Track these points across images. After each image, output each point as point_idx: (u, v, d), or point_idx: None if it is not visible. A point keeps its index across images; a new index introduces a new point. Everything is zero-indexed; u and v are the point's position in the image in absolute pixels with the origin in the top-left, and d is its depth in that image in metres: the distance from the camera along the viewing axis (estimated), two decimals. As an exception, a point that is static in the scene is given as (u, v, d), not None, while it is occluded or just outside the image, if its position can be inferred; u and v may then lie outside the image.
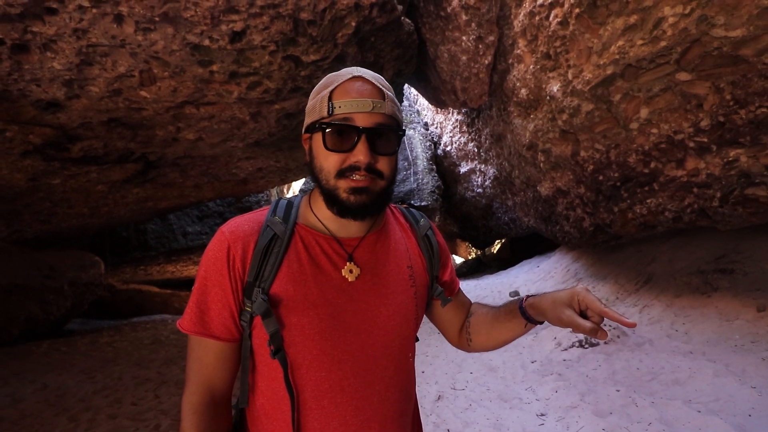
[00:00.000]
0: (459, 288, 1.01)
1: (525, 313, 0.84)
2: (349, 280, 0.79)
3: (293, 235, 0.79)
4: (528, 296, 0.85)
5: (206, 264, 0.77)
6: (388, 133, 0.75)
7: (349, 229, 0.81)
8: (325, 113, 0.74)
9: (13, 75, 2.74)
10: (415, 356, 0.95)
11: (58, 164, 3.94)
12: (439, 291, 0.92)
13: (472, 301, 1.03)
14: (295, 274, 0.76)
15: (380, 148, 0.74)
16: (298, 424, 0.76)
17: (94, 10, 2.43)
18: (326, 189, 0.76)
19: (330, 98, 0.74)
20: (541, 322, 0.84)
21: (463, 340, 0.99)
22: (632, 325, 0.66)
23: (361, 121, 0.72)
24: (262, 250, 0.76)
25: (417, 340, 0.93)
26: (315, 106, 0.77)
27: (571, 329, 0.73)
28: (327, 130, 0.73)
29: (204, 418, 0.76)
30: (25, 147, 3.54)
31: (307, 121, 0.79)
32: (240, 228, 0.78)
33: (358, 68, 0.78)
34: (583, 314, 0.73)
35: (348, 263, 0.80)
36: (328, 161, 0.74)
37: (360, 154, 0.72)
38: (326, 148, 0.73)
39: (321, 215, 0.81)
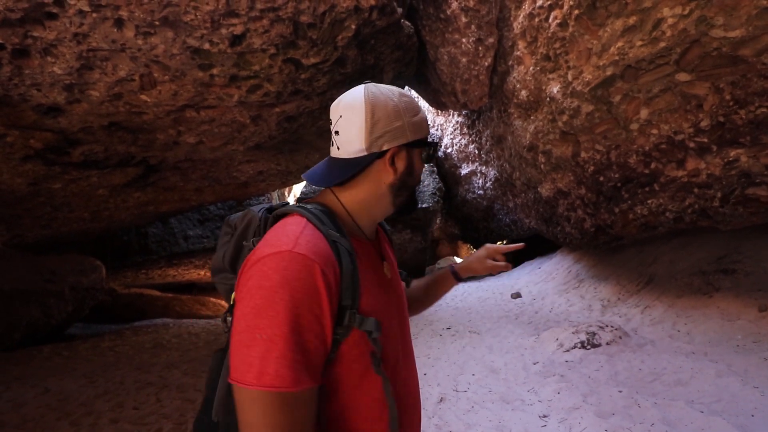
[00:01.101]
0: None
1: (458, 276, 1.18)
2: (388, 276, 0.86)
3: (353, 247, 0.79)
4: (453, 264, 1.19)
5: (295, 297, 0.62)
6: None
7: (372, 231, 0.87)
8: (426, 134, 0.84)
9: (14, 80, 2.74)
10: (417, 358, 1.01)
11: (59, 169, 3.95)
12: (404, 274, 1.03)
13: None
14: (369, 286, 0.76)
15: None
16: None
17: (95, 15, 2.44)
18: (412, 193, 0.86)
19: (416, 121, 0.82)
20: (466, 279, 1.17)
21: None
22: (521, 246, 1.13)
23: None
24: (350, 269, 0.70)
25: None
26: (419, 124, 0.83)
27: (494, 272, 1.17)
28: (428, 146, 0.86)
29: None
30: (26, 152, 3.55)
31: (411, 137, 0.81)
32: (319, 248, 0.68)
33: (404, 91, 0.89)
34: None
35: (384, 263, 0.86)
36: (416, 168, 0.85)
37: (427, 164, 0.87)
38: (425, 161, 0.87)
39: (360, 221, 0.83)
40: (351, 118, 0.77)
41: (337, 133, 0.79)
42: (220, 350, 0.79)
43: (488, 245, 1.19)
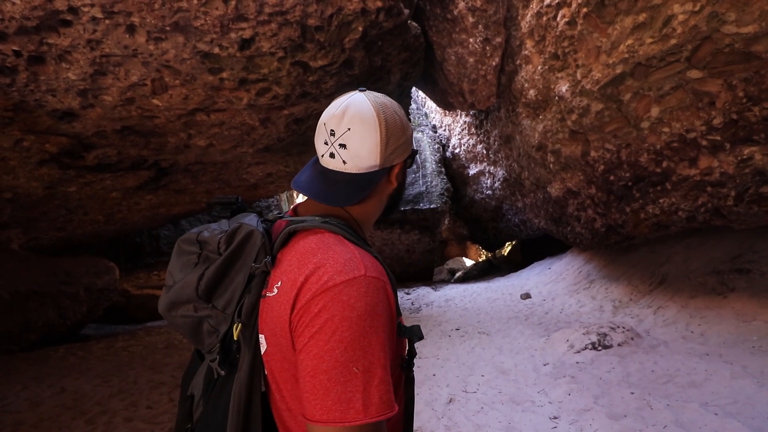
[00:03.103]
0: None
1: None
2: None
3: None
4: None
5: (382, 321, 0.60)
6: None
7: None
8: (414, 147, 0.86)
9: (30, 86, 2.81)
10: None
11: (74, 172, 4.03)
12: None
13: None
14: None
15: None
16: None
17: (107, 21, 2.49)
18: (398, 199, 0.87)
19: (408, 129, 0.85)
20: None
21: None
22: None
23: None
24: (394, 283, 0.70)
25: None
26: (409, 139, 0.83)
27: None
28: (412, 155, 0.85)
29: None
30: (41, 156, 3.63)
31: (403, 155, 0.82)
32: (379, 267, 0.67)
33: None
34: None
35: None
36: (405, 176, 0.87)
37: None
38: (408, 167, 0.86)
39: (365, 232, 0.84)
40: (363, 133, 0.72)
41: (343, 146, 0.73)
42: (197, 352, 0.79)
43: None
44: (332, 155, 0.74)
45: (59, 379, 4.00)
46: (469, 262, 15.45)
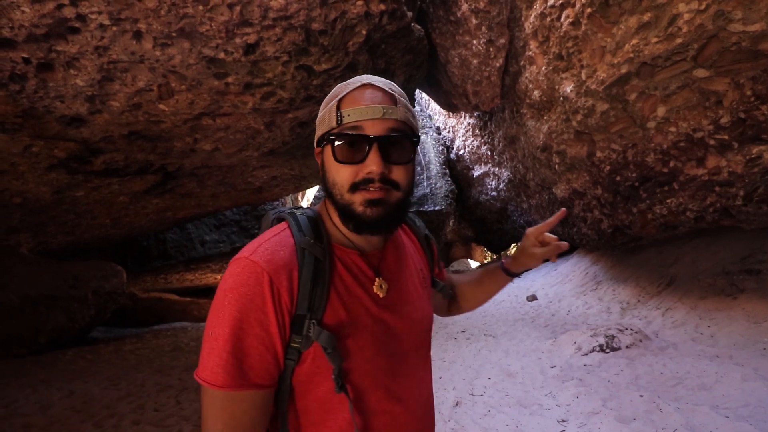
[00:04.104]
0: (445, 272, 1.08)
1: (509, 272, 1.01)
2: (381, 296, 0.76)
3: (332, 256, 0.73)
4: (503, 260, 1.03)
5: (239, 302, 0.64)
6: (401, 141, 0.70)
7: (371, 242, 0.78)
8: (334, 124, 0.70)
9: (39, 92, 2.85)
10: (432, 362, 0.97)
11: (82, 177, 4.08)
12: (441, 286, 0.98)
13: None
14: (344, 298, 0.72)
15: (394, 157, 0.69)
16: None
17: (114, 28, 2.52)
18: (341, 204, 0.70)
19: (338, 107, 0.70)
20: (519, 274, 1.02)
21: (452, 308, 1.11)
22: (562, 214, 0.95)
23: (372, 129, 0.67)
24: (310, 278, 0.68)
25: None
26: (324, 117, 0.73)
27: (550, 258, 0.95)
28: (336, 142, 0.69)
29: None
30: (50, 161, 3.67)
31: (318, 133, 0.75)
32: (277, 255, 0.68)
33: (368, 76, 0.74)
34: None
35: (377, 279, 0.76)
36: (340, 175, 0.69)
37: (372, 165, 0.67)
38: (336, 160, 0.69)
39: (344, 229, 0.75)
40: None
41: None
42: None
43: (529, 231, 0.98)
44: None
45: (68, 383, 4.04)
46: (474, 264, 15.39)
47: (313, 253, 0.70)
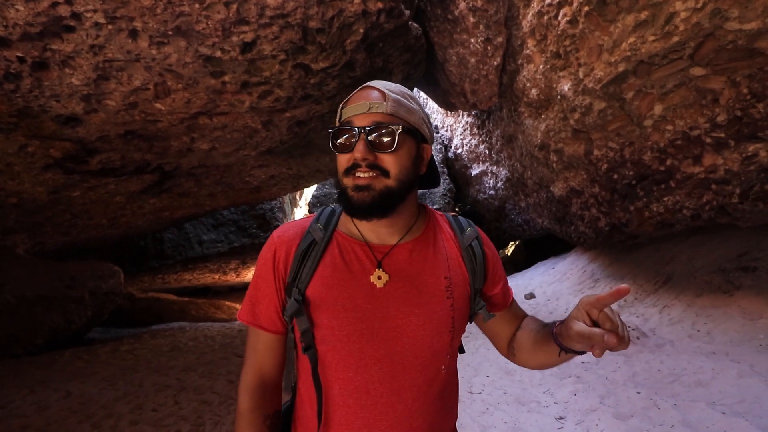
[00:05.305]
0: (512, 300, 1.00)
1: (557, 340, 0.77)
2: (378, 286, 0.82)
3: (330, 241, 0.86)
4: (560, 322, 0.78)
5: (259, 264, 0.88)
6: (385, 130, 0.78)
7: (381, 235, 0.86)
8: (337, 122, 0.85)
9: (34, 91, 2.83)
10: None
11: (78, 177, 4.05)
12: (481, 305, 0.89)
13: (528, 314, 1.01)
14: (328, 278, 0.82)
15: (378, 145, 0.78)
16: (325, 418, 0.82)
17: (110, 27, 2.50)
18: (340, 189, 0.82)
19: (341, 108, 0.84)
20: (581, 351, 0.74)
21: (510, 351, 0.98)
22: (626, 290, 0.60)
23: (359, 122, 0.79)
24: (300, 253, 0.84)
25: (462, 351, 0.94)
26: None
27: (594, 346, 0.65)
28: (332, 134, 0.82)
29: (254, 397, 0.87)
30: (46, 161, 3.65)
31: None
32: (286, 233, 0.88)
33: (376, 81, 0.85)
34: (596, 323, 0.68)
35: (377, 270, 0.83)
36: (339, 162, 0.82)
37: (357, 152, 0.77)
38: (334, 149, 0.82)
39: (357, 222, 0.86)
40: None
41: None
42: None
43: (584, 298, 0.69)
44: None
45: (65, 383, 4.02)
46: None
47: (313, 235, 0.86)
